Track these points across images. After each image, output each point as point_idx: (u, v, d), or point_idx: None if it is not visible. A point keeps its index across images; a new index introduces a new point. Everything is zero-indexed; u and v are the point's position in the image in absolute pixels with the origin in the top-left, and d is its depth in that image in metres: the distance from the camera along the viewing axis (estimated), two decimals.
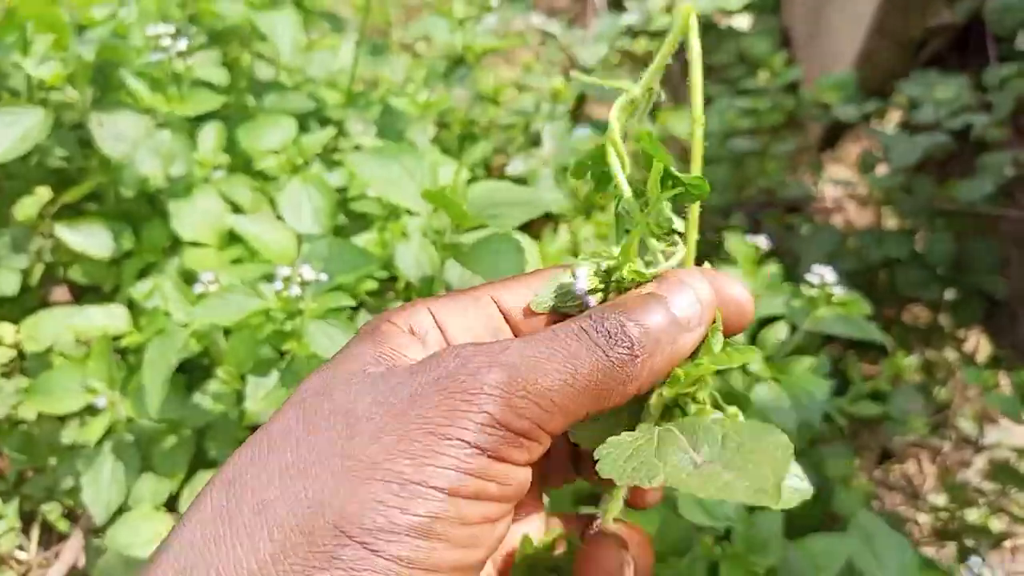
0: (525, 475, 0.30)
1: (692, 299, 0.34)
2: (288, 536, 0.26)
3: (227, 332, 0.81)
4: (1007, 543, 1.72)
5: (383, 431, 0.28)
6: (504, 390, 0.28)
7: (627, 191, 0.37)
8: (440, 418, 0.28)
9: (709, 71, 2.32)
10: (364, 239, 0.96)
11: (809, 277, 0.89)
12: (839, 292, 0.89)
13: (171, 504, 0.85)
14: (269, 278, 0.82)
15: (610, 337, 0.31)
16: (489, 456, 0.28)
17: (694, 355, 0.35)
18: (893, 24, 1.68)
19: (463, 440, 0.28)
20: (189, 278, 0.86)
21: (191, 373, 0.94)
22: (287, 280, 0.68)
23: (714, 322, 0.36)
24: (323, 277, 0.69)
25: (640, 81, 0.38)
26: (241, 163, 1.02)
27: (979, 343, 1.81)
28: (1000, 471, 1.44)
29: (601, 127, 1.06)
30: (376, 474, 0.27)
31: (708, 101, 2.00)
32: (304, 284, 0.68)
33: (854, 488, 1.11)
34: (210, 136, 0.97)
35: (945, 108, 1.37)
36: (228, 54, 1.28)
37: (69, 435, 0.84)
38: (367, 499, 0.26)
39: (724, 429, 0.31)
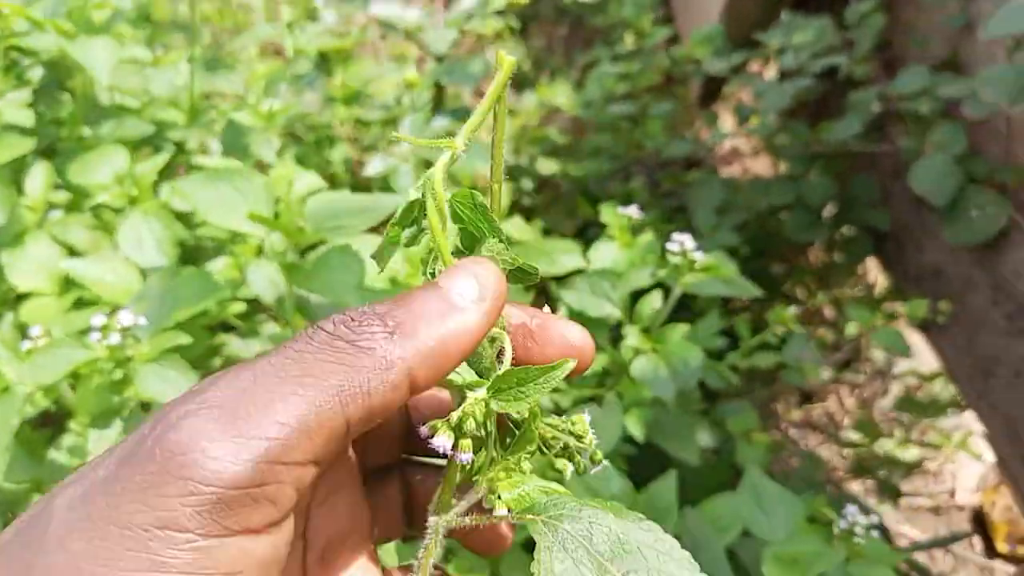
0: (283, 532, 0.27)
1: (464, 277, 0.31)
2: None
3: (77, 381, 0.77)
4: (931, 465, 1.79)
5: (73, 533, 0.24)
6: (216, 453, 0.25)
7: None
8: (138, 510, 0.24)
9: (594, 34, 2.31)
10: (221, 263, 0.93)
11: (669, 246, 0.89)
12: (701, 256, 0.89)
13: None
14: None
15: (357, 322, 0.28)
16: (213, 536, 0.25)
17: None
18: None
19: (172, 528, 0.24)
20: (25, 331, 0.81)
21: (53, 426, 0.89)
22: (105, 328, 0.64)
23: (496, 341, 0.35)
24: (142, 320, 0.66)
25: (461, 134, 0.34)
26: (81, 200, 0.97)
27: (879, 275, 1.87)
28: (907, 402, 1.49)
29: (459, 115, 1.03)
30: None
31: (593, 66, 1.99)
32: (124, 330, 0.64)
33: (756, 442, 1.12)
34: (37, 178, 0.91)
35: (806, 52, 1.38)
36: (71, 83, 1.21)
37: None
38: None
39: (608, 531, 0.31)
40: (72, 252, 0.89)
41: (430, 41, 1.08)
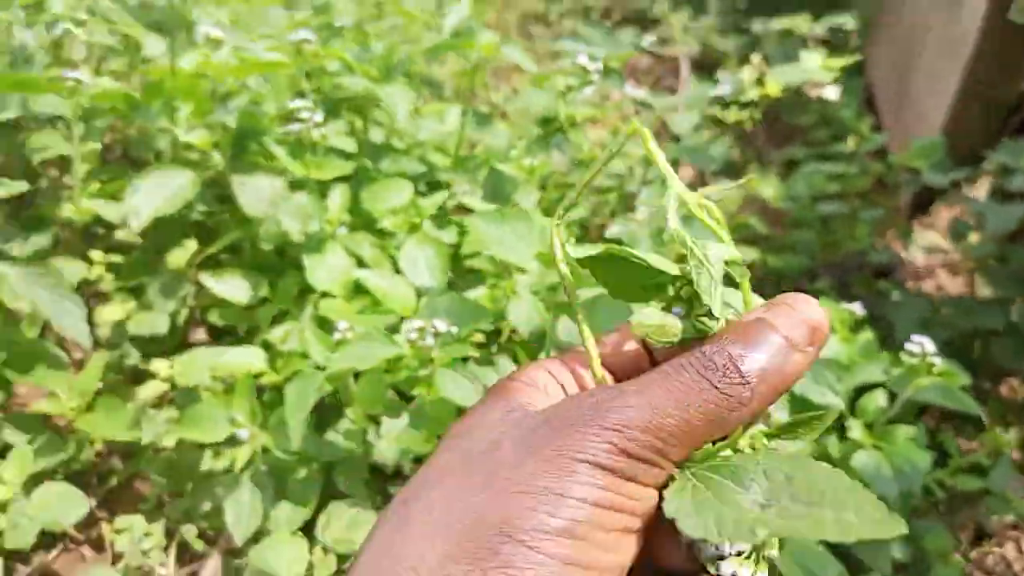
0: (653, 495, 0.34)
1: (798, 320, 0.36)
2: (458, 538, 0.32)
3: (357, 376, 0.88)
4: None
5: (527, 458, 0.33)
6: (628, 427, 0.33)
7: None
8: (574, 447, 0.33)
9: (792, 131, 2.36)
10: (476, 294, 1.03)
11: (909, 346, 0.91)
12: (938, 362, 0.90)
13: (307, 530, 0.91)
14: (393, 327, 0.89)
15: (721, 372, 0.34)
16: (618, 476, 0.33)
17: None
18: (982, 88, 1.68)
19: (595, 463, 0.32)
20: (322, 325, 0.94)
21: (319, 412, 1.01)
22: (421, 331, 0.75)
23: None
24: (454, 329, 0.75)
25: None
26: (361, 222, 1.11)
27: None
28: None
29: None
30: (526, 489, 0.32)
31: (793, 163, 2.03)
32: (437, 335, 0.74)
33: (952, 564, 1.09)
34: (338, 197, 1.06)
35: None
36: (345, 121, 1.40)
37: (208, 463, 0.92)
38: (521, 508, 0.32)
39: (759, 464, 0.33)
40: (360, 264, 1.02)
41: (673, 121, 1.17)
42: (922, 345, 0.91)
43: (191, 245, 1.04)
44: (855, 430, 0.93)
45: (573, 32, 2.95)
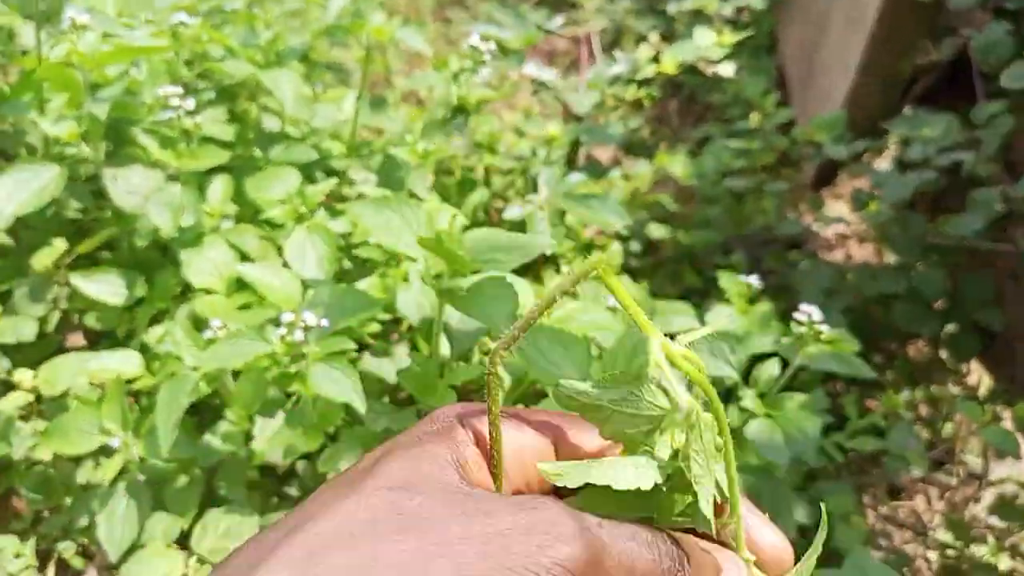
0: None
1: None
2: None
3: (236, 375, 0.84)
4: None
5: (465, 565, 0.29)
6: (577, 565, 0.31)
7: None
8: (520, 567, 0.30)
9: (706, 110, 2.38)
10: (367, 283, 1.00)
11: (797, 316, 0.92)
12: (827, 329, 0.91)
13: (183, 541, 0.87)
14: (276, 323, 0.85)
15: (676, 561, 0.34)
16: None
17: None
18: (881, 63, 1.73)
19: None
20: (199, 324, 0.89)
21: (202, 415, 0.97)
22: (291, 325, 0.72)
23: None
24: (324, 322, 0.72)
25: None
26: (248, 213, 1.07)
27: (981, 377, 1.82)
28: (1005, 508, 1.44)
29: (595, 171, 1.10)
30: None
31: (707, 141, 2.05)
32: (307, 329, 0.71)
33: (853, 525, 1.11)
34: (218, 188, 1.01)
35: (933, 145, 1.41)
36: (236, 108, 1.34)
37: (84, 475, 0.87)
38: None
39: None
40: (243, 258, 0.98)
41: (573, 101, 1.16)
42: (809, 314, 0.91)
43: (59, 245, 0.99)
44: (748, 399, 0.94)
45: (489, 16, 2.92)
